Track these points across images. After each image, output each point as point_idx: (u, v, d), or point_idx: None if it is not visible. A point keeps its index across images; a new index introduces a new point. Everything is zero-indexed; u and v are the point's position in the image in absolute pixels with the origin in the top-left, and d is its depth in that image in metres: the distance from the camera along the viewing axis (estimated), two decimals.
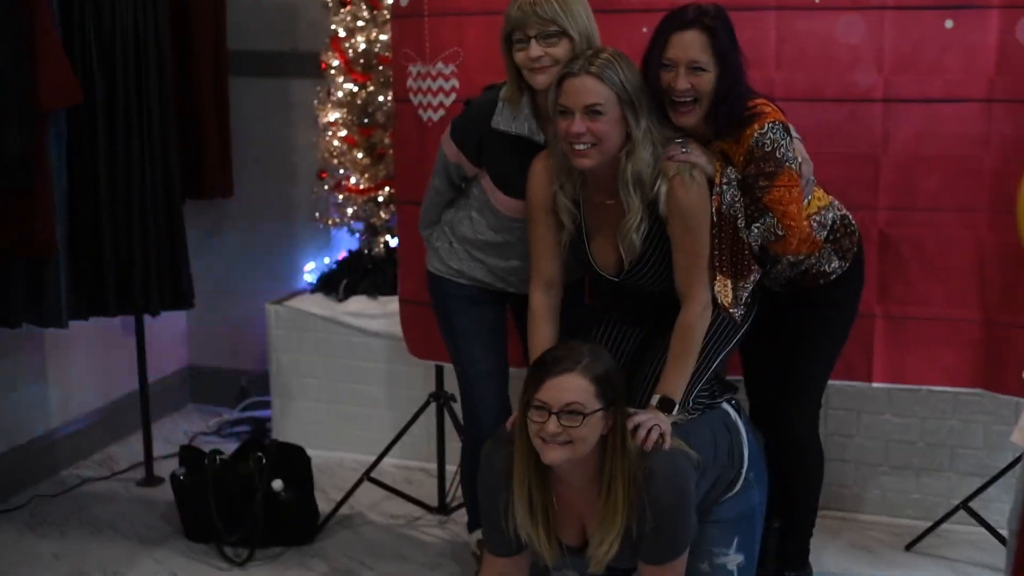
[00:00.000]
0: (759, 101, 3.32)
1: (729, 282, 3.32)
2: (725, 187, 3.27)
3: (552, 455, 3.00)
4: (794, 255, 3.37)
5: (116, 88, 4.30)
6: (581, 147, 3.17)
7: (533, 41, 3.30)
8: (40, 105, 3.94)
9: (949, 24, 3.64)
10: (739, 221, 3.29)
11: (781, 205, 3.25)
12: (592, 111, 3.15)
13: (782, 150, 3.25)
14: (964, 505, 4.03)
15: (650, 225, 3.26)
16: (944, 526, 4.14)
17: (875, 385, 3.92)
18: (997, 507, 4.12)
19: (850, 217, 3.52)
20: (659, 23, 3.32)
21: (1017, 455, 3.97)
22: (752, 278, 3.34)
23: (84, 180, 4.28)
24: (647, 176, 3.21)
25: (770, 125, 3.25)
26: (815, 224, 3.38)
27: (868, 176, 3.76)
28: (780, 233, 3.27)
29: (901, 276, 3.82)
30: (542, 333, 3.41)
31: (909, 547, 4.15)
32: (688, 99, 3.25)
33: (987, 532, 4.01)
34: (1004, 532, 3.93)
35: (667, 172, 3.22)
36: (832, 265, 3.46)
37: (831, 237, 3.44)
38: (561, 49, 3.30)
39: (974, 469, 4.23)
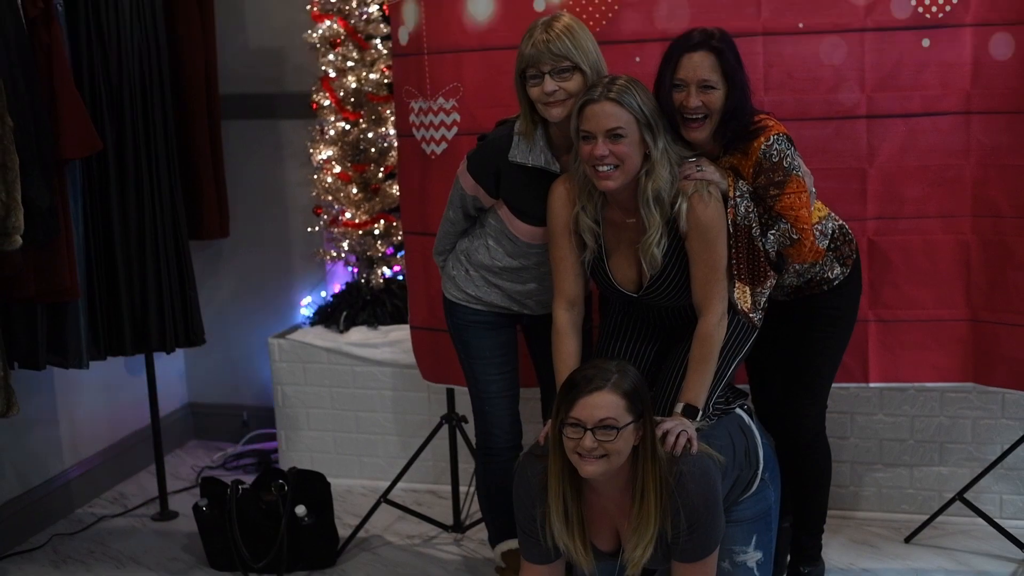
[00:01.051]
0: (763, 116, 3.51)
1: (747, 288, 3.49)
2: (739, 199, 3.44)
3: (589, 468, 3.15)
4: (801, 263, 3.55)
5: (125, 134, 4.41)
6: (604, 169, 3.33)
7: (547, 76, 3.44)
8: (63, 154, 4.04)
9: (926, 43, 3.82)
10: (754, 230, 3.46)
11: (792, 211, 3.43)
12: (614, 135, 3.31)
13: (788, 159, 3.44)
14: (960, 496, 4.20)
15: (669, 241, 3.42)
16: (940, 518, 4.31)
17: (871, 385, 4.06)
18: (989, 497, 4.34)
19: (847, 226, 3.70)
20: (668, 47, 3.50)
21: (1007, 446, 4.19)
22: (768, 284, 3.52)
23: (99, 226, 4.39)
24: (666, 193, 3.37)
25: (775, 137, 3.44)
26: (817, 234, 3.55)
27: (856, 188, 3.92)
28: (795, 237, 3.45)
29: (891, 281, 3.97)
30: (567, 348, 3.57)
31: (908, 539, 4.31)
32: (700, 115, 3.43)
33: (982, 520, 4.18)
34: (999, 521, 4.15)
35: (686, 191, 3.39)
36: (835, 272, 3.63)
37: (832, 246, 3.62)
38: (574, 83, 3.44)
39: (963, 462, 4.40)
